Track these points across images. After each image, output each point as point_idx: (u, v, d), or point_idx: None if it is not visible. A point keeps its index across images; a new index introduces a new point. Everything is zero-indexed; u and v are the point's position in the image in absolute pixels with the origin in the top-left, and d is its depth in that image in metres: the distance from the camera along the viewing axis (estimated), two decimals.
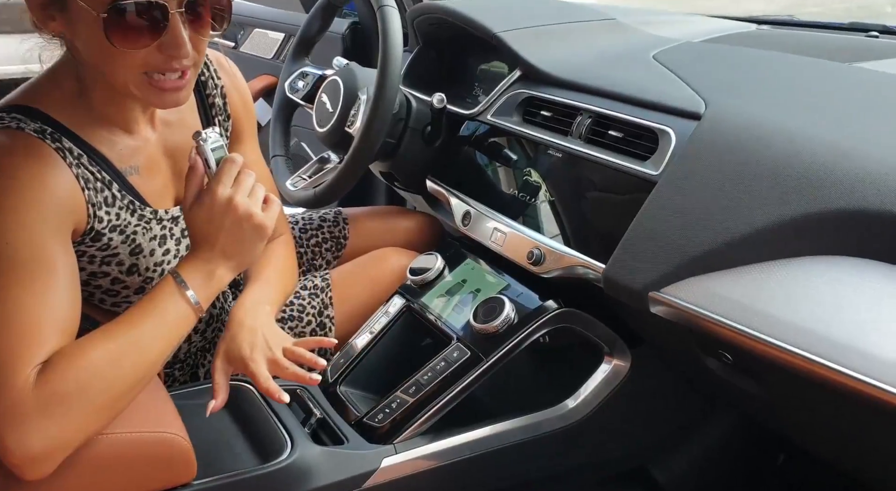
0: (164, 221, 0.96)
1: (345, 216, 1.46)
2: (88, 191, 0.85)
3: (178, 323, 0.84)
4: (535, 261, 1.09)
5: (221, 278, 0.86)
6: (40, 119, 0.83)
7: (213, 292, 0.86)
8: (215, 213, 0.84)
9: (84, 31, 0.79)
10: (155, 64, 0.81)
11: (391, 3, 1.25)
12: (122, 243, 0.91)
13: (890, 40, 1.32)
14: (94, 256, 0.89)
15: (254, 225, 0.85)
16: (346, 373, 1.14)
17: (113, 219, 0.89)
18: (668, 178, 0.95)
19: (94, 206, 0.86)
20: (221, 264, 0.86)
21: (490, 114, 1.29)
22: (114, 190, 0.89)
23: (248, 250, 0.87)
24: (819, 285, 0.79)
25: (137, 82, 0.82)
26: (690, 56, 1.21)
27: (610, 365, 1.11)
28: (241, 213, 0.84)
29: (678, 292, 0.89)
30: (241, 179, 0.86)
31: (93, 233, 0.87)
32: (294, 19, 2.05)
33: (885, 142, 0.85)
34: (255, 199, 0.86)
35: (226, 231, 0.84)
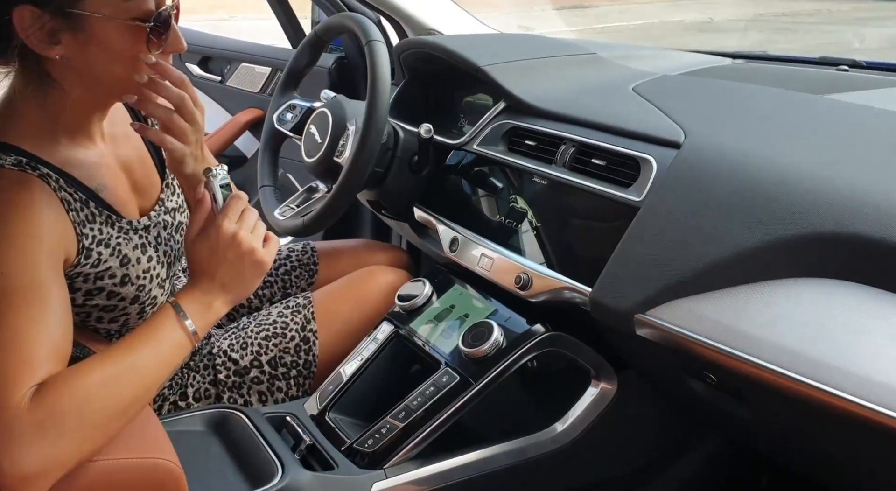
0: (139, 231, 0.99)
1: (313, 246, 1.49)
2: (72, 212, 0.88)
3: (175, 350, 0.86)
4: (522, 285, 1.11)
5: (218, 310, 0.89)
6: (13, 152, 0.85)
7: (209, 322, 0.89)
8: (220, 246, 0.87)
9: (104, 45, 0.84)
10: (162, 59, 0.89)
11: (379, 37, 1.29)
12: (111, 256, 0.93)
13: (859, 74, 1.38)
14: (89, 275, 0.91)
15: (255, 260, 0.89)
16: (335, 400, 1.14)
17: (97, 234, 0.91)
18: (651, 204, 0.98)
19: (79, 225, 0.89)
20: (219, 296, 0.89)
21: (476, 143, 1.32)
22: (91, 208, 0.91)
23: (246, 284, 0.91)
24: (799, 306, 0.82)
25: (139, 87, 0.89)
26: (669, 88, 1.26)
27: (597, 389, 1.12)
28: (244, 248, 0.88)
29: (663, 314, 0.91)
30: (245, 216, 0.90)
31: (84, 251, 0.89)
32: (280, 54, 2.09)
33: (859, 169, 0.89)
34: (258, 236, 0.90)
35: (227, 264, 0.88)
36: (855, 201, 0.81)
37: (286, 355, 1.21)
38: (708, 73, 1.41)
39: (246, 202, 0.92)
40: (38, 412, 0.73)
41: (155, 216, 1.02)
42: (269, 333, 1.22)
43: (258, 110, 2.09)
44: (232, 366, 1.18)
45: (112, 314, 0.96)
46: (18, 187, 0.82)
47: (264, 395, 1.18)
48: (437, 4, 1.72)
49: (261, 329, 1.22)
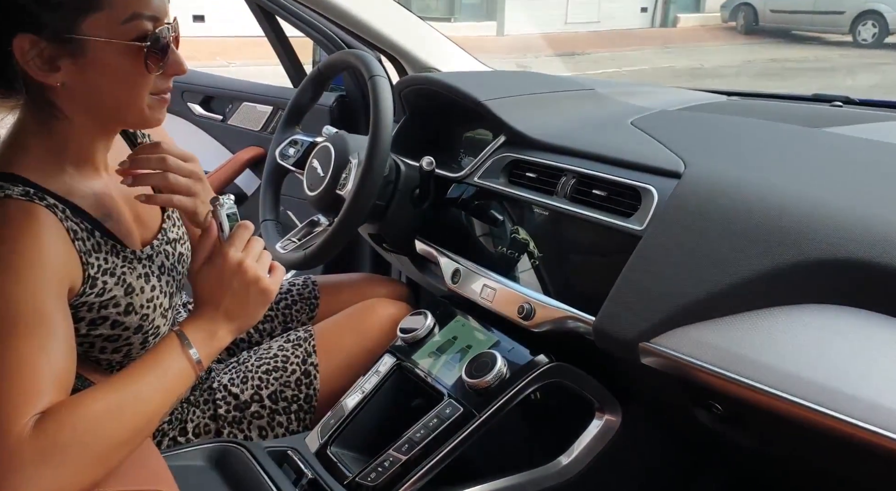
0: (142, 260, 0.99)
1: (314, 281, 1.49)
2: (77, 242, 0.88)
3: (179, 379, 0.85)
4: (525, 315, 1.10)
5: (223, 339, 0.89)
6: (21, 182, 0.86)
7: (213, 351, 0.88)
8: (225, 274, 0.88)
9: (104, 69, 0.85)
10: (162, 83, 0.90)
11: (382, 72, 1.31)
12: (116, 285, 0.93)
13: (853, 110, 1.41)
14: (94, 304, 0.91)
15: (260, 289, 0.89)
16: (336, 433, 1.13)
17: (102, 263, 0.91)
18: (653, 233, 0.99)
19: (85, 254, 0.89)
20: (224, 325, 0.89)
21: (477, 176, 1.33)
22: (97, 237, 0.92)
23: (251, 313, 0.90)
24: (803, 332, 0.82)
25: (150, 104, 0.90)
26: (667, 122, 1.28)
27: (601, 421, 1.11)
28: (249, 277, 0.88)
29: (667, 342, 0.91)
30: (251, 245, 0.91)
31: (90, 280, 0.89)
32: (281, 93, 2.12)
33: (860, 196, 0.90)
34: (263, 265, 0.91)
35: (232, 293, 0.88)
36: (856, 228, 0.82)
37: (287, 389, 1.19)
38: (705, 108, 1.44)
39: (252, 231, 0.92)
40: (41, 441, 0.72)
41: (157, 246, 1.03)
42: (270, 366, 1.21)
43: (259, 148, 2.11)
44: (232, 400, 1.17)
45: (115, 344, 0.96)
46: (25, 217, 0.82)
47: (265, 429, 1.17)
48: (436, 43, 1.75)
49: (261, 363, 1.21)
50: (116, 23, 0.83)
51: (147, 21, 0.85)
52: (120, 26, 0.84)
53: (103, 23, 0.83)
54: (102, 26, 0.83)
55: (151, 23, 0.85)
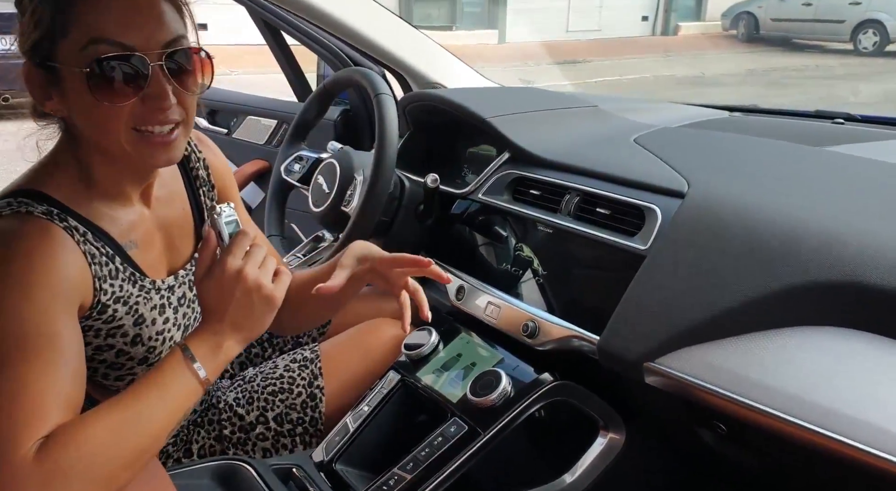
0: (161, 291, 0.98)
1: None
2: (94, 266, 0.87)
3: (184, 396, 0.83)
4: (529, 333, 1.11)
5: (229, 350, 0.87)
6: (46, 201, 0.86)
7: (220, 365, 0.86)
8: (226, 284, 0.85)
9: (75, 98, 0.83)
10: (142, 118, 0.83)
11: (387, 90, 1.32)
12: (126, 314, 0.92)
13: (854, 127, 1.42)
14: (100, 330, 0.90)
15: (263, 296, 0.86)
16: (342, 450, 1.13)
17: (117, 291, 0.90)
18: (657, 253, 0.99)
19: (99, 279, 0.88)
20: (230, 336, 0.86)
21: (481, 193, 1.34)
22: (116, 263, 0.91)
23: (257, 322, 0.87)
24: (807, 354, 0.83)
25: (129, 139, 0.84)
26: (670, 139, 1.29)
27: (605, 439, 1.11)
28: (250, 284, 0.85)
29: (671, 362, 0.91)
30: (252, 252, 0.87)
31: (99, 306, 0.88)
32: (285, 107, 2.13)
33: (863, 219, 0.91)
34: (266, 271, 0.87)
35: (235, 302, 0.85)
36: (859, 251, 0.83)
37: (292, 412, 1.19)
38: (707, 125, 1.45)
39: (252, 238, 0.89)
40: (45, 465, 0.71)
41: (183, 276, 1.02)
42: (276, 388, 1.20)
43: (264, 161, 2.12)
44: (237, 421, 1.17)
45: (119, 372, 0.95)
46: (40, 236, 0.82)
47: (269, 451, 1.17)
48: (441, 59, 1.77)
49: (267, 383, 1.21)
50: (78, 48, 0.80)
51: (109, 47, 0.80)
52: (80, 52, 0.80)
53: (68, 48, 0.81)
54: (67, 52, 0.81)
55: (116, 49, 0.80)
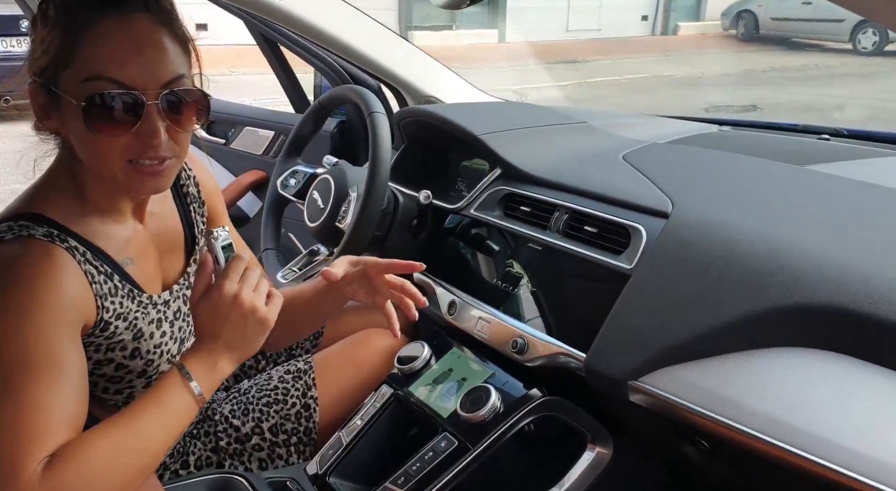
0: (158, 305, 1.00)
1: None
2: (95, 285, 0.90)
3: (181, 413, 0.86)
4: (518, 350, 1.14)
5: (223, 369, 0.90)
6: (45, 223, 0.88)
7: (215, 383, 0.89)
8: (221, 306, 0.88)
9: (72, 123, 0.86)
10: (134, 151, 0.86)
11: (380, 109, 1.35)
12: (126, 330, 0.95)
13: (839, 143, 1.44)
14: (101, 345, 0.93)
15: (257, 319, 0.89)
16: (335, 464, 1.16)
17: (117, 307, 0.93)
18: (641, 272, 1.02)
19: (101, 298, 0.91)
20: (224, 356, 0.89)
21: (473, 208, 1.36)
22: (115, 281, 0.93)
23: (250, 343, 0.91)
24: (785, 375, 0.85)
25: (121, 169, 0.87)
26: (657, 156, 1.31)
27: (593, 453, 1.13)
28: (246, 308, 0.88)
29: (654, 381, 0.94)
30: (247, 275, 0.90)
31: (102, 324, 0.91)
32: (282, 118, 2.16)
33: (840, 242, 0.93)
34: (260, 294, 0.90)
35: (231, 324, 0.88)
36: (834, 274, 0.85)
37: (287, 422, 1.22)
38: (695, 140, 1.47)
39: (247, 262, 0.92)
40: (48, 483, 0.74)
41: (177, 290, 1.05)
42: (271, 399, 1.23)
43: (261, 172, 2.15)
44: (233, 433, 1.19)
45: (118, 386, 0.98)
46: (44, 258, 0.85)
47: (265, 461, 1.19)
48: (436, 73, 1.79)
49: (262, 395, 1.24)
50: (78, 81, 0.83)
51: (109, 84, 0.83)
52: (80, 85, 0.83)
53: (70, 79, 0.84)
54: (69, 82, 0.84)
55: (116, 87, 0.83)
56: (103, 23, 0.83)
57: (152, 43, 0.85)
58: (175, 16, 0.89)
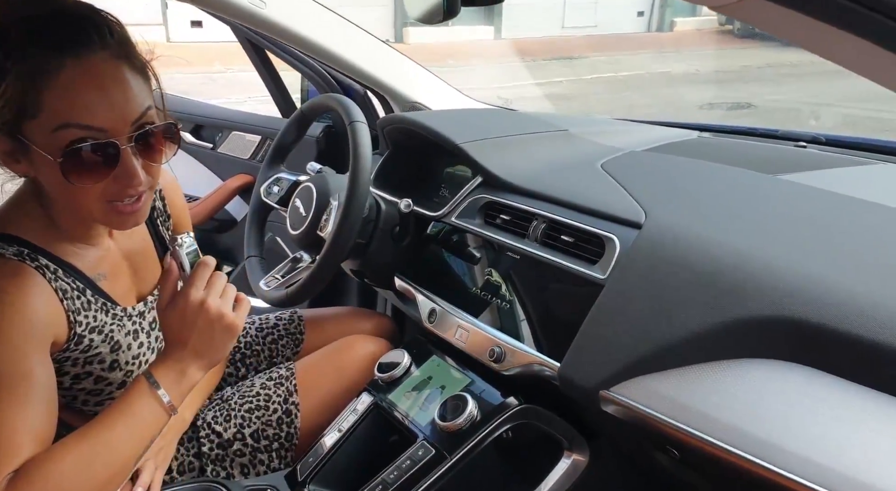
0: (133, 317, 1.02)
1: (300, 315, 1.52)
2: (67, 301, 0.91)
3: (150, 423, 0.87)
4: (495, 358, 1.15)
5: (192, 377, 0.91)
6: (16, 242, 0.90)
7: (184, 391, 0.90)
8: (188, 314, 0.88)
9: (46, 172, 0.85)
10: (112, 193, 0.87)
11: (361, 118, 1.36)
12: (103, 342, 0.96)
13: (816, 151, 1.45)
14: (78, 359, 0.95)
15: (225, 325, 0.90)
16: (315, 472, 1.17)
17: (91, 321, 0.95)
18: (614, 282, 1.03)
19: (73, 313, 0.92)
20: (193, 363, 0.90)
21: (454, 216, 1.38)
22: (88, 296, 0.95)
23: (218, 349, 0.91)
24: (750, 387, 0.86)
25: (100, 210, 0.88)
26: (634, 166, 1.32)
27: (569, 460, 1.15)
28: (212, 315, 0.89)
29: (625, 391, 0.95)
30: (213, 282, 0.91)
31: (76, 337, 0.93)
32: (269, 123, 2.17)
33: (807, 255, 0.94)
34: (227, 300, 0.91)
35: (198, 331, 0.89)
36: (797, 287, 0.87)
37: (268, 428, 1.24)
38: (672, 149, 1.48)
39: (213, 268, 0.92)
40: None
41: (152, 301, 1.07)
42: (253, 405, 1.25)
43: (248, 176, 2.16)
44: (216, 438, 1.21)
45: (98, 398, 1.00)
46: (12, 277, 0.86)
47: (246, 467, 1.21)
48: (422, 79, 1.80)
49: (244, 401, 1.26)
50: (48, 130, 0.82)
51: (79, 130, 0.81)
52: (50, 134, 0.82)
53: (38, 129, 0.82)
54: (37, 132, 0.82)
55: (86, 132, 0.82)
56: (63, 71, 0.80)
57: (116, 82, 0.83)
58: (131, 46, 0.87)
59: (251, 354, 1.45)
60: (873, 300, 0.83)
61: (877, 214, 1.04)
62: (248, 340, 1.43)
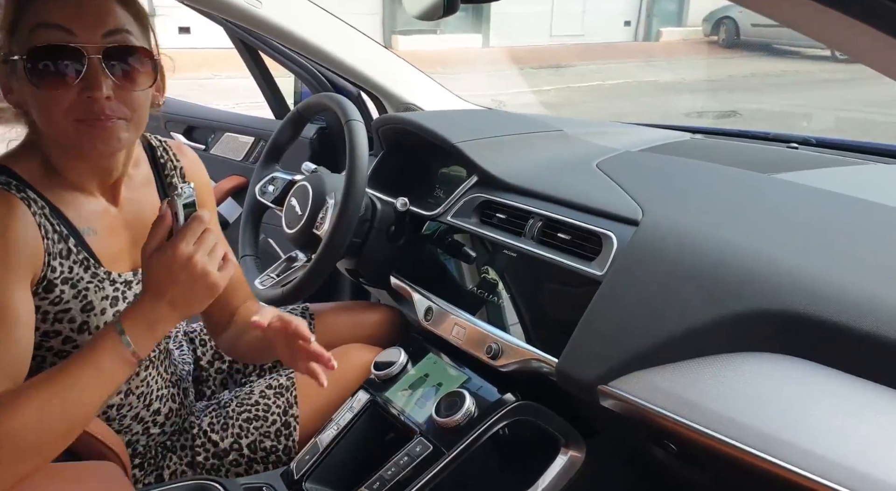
0: (116, 283, 0.99)
1: (311, 311, 1.51)
2: (47, 240, 0.90)
3: (115, 372, 0.86)
4: (493, 355, 1.15)
5: (162, 328, 0.89)
6: (7, 174, 0.89)
7: (152, 342, 0.89)
8: (174, 267, 0.86)
9: (24, 87, 0.86)
10: (81, 110, 0.86)
11: (357, 117, 1.36)
12: (74, 298, 0.94)
13: (807, 152, 1.47)
14: (48, 312, 0.92)
15: (208, 284, 0.88)
16: (312, 469, 1.17)
17: (65, 271, 0.92)
18: (612, 279, 1.04)
19: (49, 255, 0.90)
20: (166, 314, 0.88)
21: (450, 215, 1.38)
22: (70, 244, 0.93)
23: (195, 304, 0.90)
24: (746, 380, 0.87)
25: (71, 128, 0.87)
26: (629, 165, 1.34)
27: (566, 456, 1.15)
28: (197, 272, 0.87)
29: (623, 386, 0.96)
30: (203, 238, 0.89)
31: (45, 282, 0.90)
32: (262, 124, 2.16)
33: (803, 250, 0.96)
34: (214, 258, 0.89)
35: (179, 285, 0.87)
36: (794, 281, 0.88)
37: (266, 440, 1.21)
38: (667, 149, 1.49)
39: (206, 223, 0.89)
40: None
41: None
42: (251, 415, 1.22)
43: (241, 178, 2.15)
44: (211, 447, 1.18)
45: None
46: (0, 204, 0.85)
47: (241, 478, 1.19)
48: (416, 81, 1.81)
49: (242, 410, 1.23)
50: (25, 37, 0.84)
51: (51, 30, 0.83)
52: (25, 40, 0.84)
53: (20, 40, 0.84)
54: (19, 44, 0.85)
55: (56, 32, 0.83)
56: None
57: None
58: None
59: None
60: (869, 293, 0.84)
61: (869, 211, 1.06)
62: None
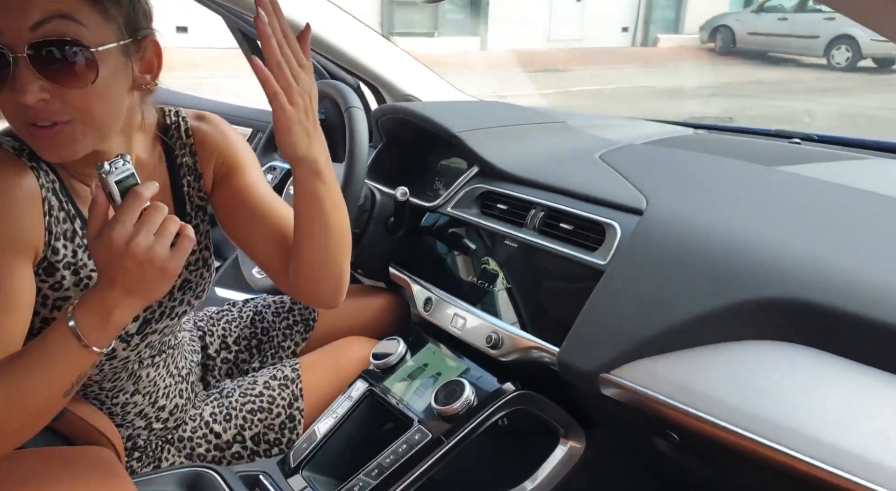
0: None
1: None
2: (50, 218, 0.84)
3: (68, 364, 0.77)
4: (493, 345, 1.14)
5: (120, 317, 0.78)
6: (22, 142, 0.84)
7: (110, 333, 0.78)
8: (114, 254, 0.75)
9: None
10: (23, 113, 0.77)
11: (358, 104, 1.35)
12: (75, 286, 0.88)
13: (809, 147, 1.47)
14: (47, 297, 0.87)
15: (157, 269, 0.76)
16: (309, 457, 1.15)
17: (69, 255, 0.87)
18: (615, 268, 1.03)
19: (51, 234, 0.84)
20: (122, 302, 0.77)
21: (450, 206, 1.37)
22: (76, 226, 0.87)
23: (151, 288, 0.78)
24: (751, 368, 0.87)
25: (25, 134, 0.80)
26: (633, 156, 1.33)
27: (566, 447, 1.14)
28: (140, 257, 0.75)
29: (626, 374, 0.95)
30: (146, 217, 0.76)
31: (45, 263, 0.85)
32: (260, 115, 2.15)
33: (806, 239, 0.95)
34: (162, 239, 0.76)
35: (126, 271, 0.76)
36: (801, 269, 0.87)
37: (270, 432, 1.19)
38: (669, 142, 1.49)
39: (146, 199, 0.77)
40: None
41: None
42: (255, 406, 1.19)
43: None
44: (213, 439, 1.16)
45: None
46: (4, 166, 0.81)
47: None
48: (415, 72, 1.80)
49: (246, 400, 1.20)
50: None
51: None
52: None
53: None
54: None
55: None
56: None
57: None
58: None
59: (267, 339, 1.37)
60: (874, 281, 0.83)
61: (874, 202, 1.05)
62: (264, 326, 1.37)
